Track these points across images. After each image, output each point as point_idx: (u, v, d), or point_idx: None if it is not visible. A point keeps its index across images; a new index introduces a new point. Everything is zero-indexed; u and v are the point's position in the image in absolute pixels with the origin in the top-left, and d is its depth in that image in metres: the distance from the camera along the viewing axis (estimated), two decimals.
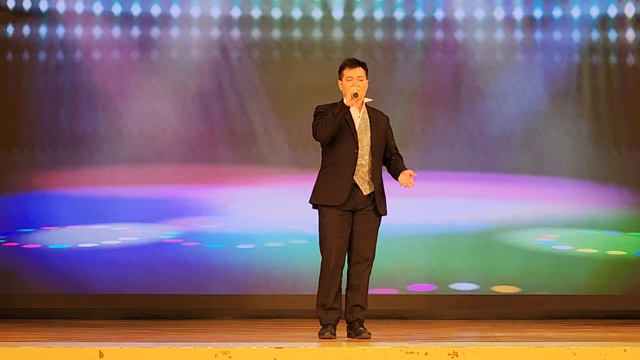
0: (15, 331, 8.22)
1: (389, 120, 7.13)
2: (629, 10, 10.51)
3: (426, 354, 5.90)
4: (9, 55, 10.49)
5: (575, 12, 10.50)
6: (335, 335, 6.90)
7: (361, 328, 6.93)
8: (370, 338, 6.87)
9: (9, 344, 6.31)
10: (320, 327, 6.96)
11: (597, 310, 10.34)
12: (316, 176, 7.04)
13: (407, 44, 10.55)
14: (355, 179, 6.93)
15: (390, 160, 7.10)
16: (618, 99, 10.50)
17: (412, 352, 5.91)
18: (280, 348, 5.96)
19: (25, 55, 10.49)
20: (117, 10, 10.51)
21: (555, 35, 10.54)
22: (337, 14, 10.57)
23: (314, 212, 7.03)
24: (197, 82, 10.51)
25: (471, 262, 10.38)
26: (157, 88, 10.50)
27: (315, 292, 6.99)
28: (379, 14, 10.55)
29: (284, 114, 10.45)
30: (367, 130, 6.99)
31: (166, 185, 10.45)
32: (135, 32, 10.53)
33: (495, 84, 10.52)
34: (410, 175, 6.96)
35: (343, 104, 6.89)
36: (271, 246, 10.40)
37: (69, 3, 10.48)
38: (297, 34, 10.58)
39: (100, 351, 5.91)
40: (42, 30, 10.49)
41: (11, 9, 10.49)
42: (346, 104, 6.88)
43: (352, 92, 6.87)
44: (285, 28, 10.56)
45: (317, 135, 6.97)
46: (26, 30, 10.49)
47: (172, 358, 5.93)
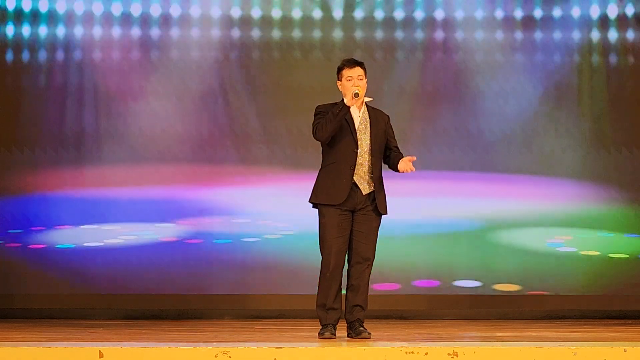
0: (15, 331, 8.22)
1: (390, 119, 7.13)
2: (629, 10, 10.52)
3: (426, 354, 5.90)
4: (9, 55, 10.49)
5: (575, 12, 10.51)
6: (335, 335, 6.90)
7: (361, 328, 6.93)
8: (370, 338, 6.87)
9: (9, 344, 6.31)
10: (320, 327, 6.96)
11: (597, 310, 10.34)
12: (316, 176, 7.04)
13: (407, 44, 10.56)
14: (354, 178, 6.93)
15: (390, 155, 7.08)
16: (618, 99, 10.50)
17: (412, 352, 5.91)
18: (280, 348, 5.96)
19: (26, 55, 10.49)
20: (117, 11, 10.51)
21: (555, 35, 10.54)
22: (337, 14, 10.57)
23: (314, 211, 7.03)
24: (197, 82, 10.51)
25: (474, 259, 10.39)
26: (157, 88, 10.50)
27: (315, 292, 6.99)
28: (379, 14, 10.56)
29: (284, 114, 10.45)
30: (367, 130, 6.98)
31: (165, 185, 10.44)
32: (136, 32, 10.52)
33: (495, 84, 10.52)
34: (410, 160, 6.93)
35: (343, 103, 6.89)
36: (271, 246, 10.40)
37: (69, 3, 10.49)
38: (297, 34, 10.57)
39: (100, 351, 5.91)
40: (42, 30, 10.49)
41: (11, 9, 10.49)
42: (347, 104, 6.89)
43: (353, 92, 6.87)
44: (285, 28, 10.56)
45: (317, 135, 6.97)
46: (26, 30, 10.50)
47: (172, 358, 5.93)
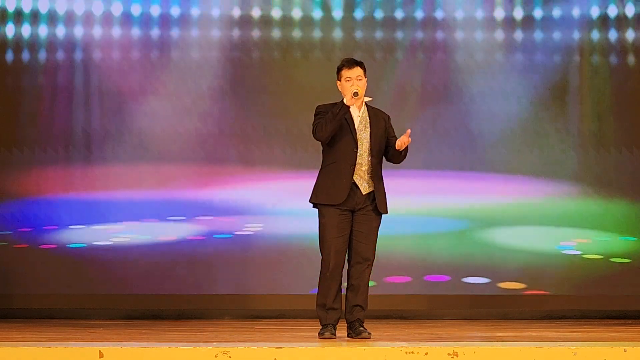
0: (15, 331, 8.22)
1: (390, 119, 7.13)
2: (629, 10, 10.52)
3: (426, 354, 5.90)
4: (9, 55, 10.49)
5: (575, 12, 10.51)
6: (335, 335, 6.90)
7: (361, 328, 6.93)
8: (370, 338, 6.87)
9: (9, 344, 6.31)
10: (320, 327, 6.96)
11: (597, 310, 10.34)
12: (316, 176, 7.04)
13: (407, 44, 10.56)
14: (354, 178, 6.92)
15: (389, 151, 7.05)
16: (618, 99, 10.49)
17: (412, 352, 5.91)
18: (280, 348, 5.96)
19: (26, 55, 10.49)
20: (117, 11, 10.51)
21: (555, 35, 10.54)
22: (337, 14, 10.57)
23: (314, 211, 7.03)
24: (197, 82, 10.51)
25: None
26: (157, 88, 10.50)
27: (316, 292, 6.99)
28: (379, 14, 10.56)
29: (284, 114, 10.45)
30: (367, 129, 6.98)
31: (165, 185, 10.44)
32: (135, 32, 10.52)
33: (495, 84, 10.52)
34: (407, 135, 6.88)
35: (343, 103, 6.89)
36: (271, 246, 10.40)
37: (69, 3, 10.48)
38: (297, 34, 10.57)
39: (100, 351, 5.90)
40: (42, 30, 10.49)
41: (11, 9, 10.49)
42: (346, 104, 6.88)
43: (352, 91, 6.87)
44: (285, 28, 10.56)
45: (316, 135, 6.96)
46: (26, 30, 10.49)
47: (172, 358, 5.93)
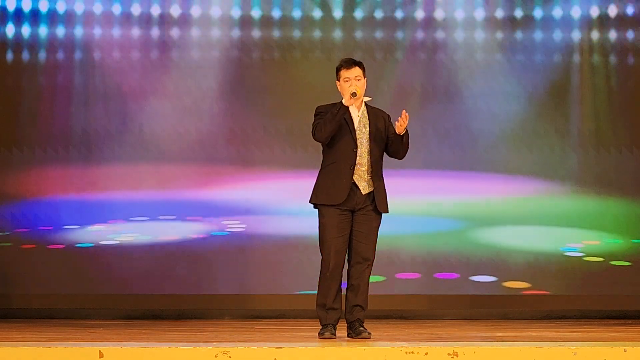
0: (15, 331, 8.22)
1: (390, 118, 7.12)
2: (629, 10, 10.52)
3: (426, 354, 5.90)
4: (9, 55, 10.49)
5: (575, 12, 10.50)
6: (335, 335, 6.90)
7: (361, 328, 6.93)
8: (370, 338, 6.87)
9: (9, 344, 6.31)
10: (320, 327, 6.96)
11: (597, 310, 10.33)
12: (316, 176, 7.04)
13: (407, 44, 10.55)
14: (354, 178, 6.92)
15: (390, 145, 7.04)
16: (619, 98, 10.49)
17: (412, 352, 5.91)
18: (280, 348, 5.96)
19: (25, 55, 10.49)
20: (117, 11, 10.51)
21: (555, 35, 10.54)
22: (337, 14, 10.57)
23: (314, 212, 7.03)
24: (197, 82, 10.51)
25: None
26: (157, 88, 10.50)
27: (316, 291, 6.99)
28: (379, 14, 10.56)
29: (284, 114, 10.45)
30: (366, 129, 6.97)
31: (164, 185, 10.43)
32: (135, 32, 10.52)
33: (495, 84, 10.52)
34: (402, 116, 6.86)
35: (342, 104, 6.88)
36: (271, 246, 10.39)
37: (69, 3, 10.48)
38: (297, 34, 10.57)
39: (100, 351, 5.90)
40: (42, 30, 10.48)
41: (11, 9, 10.49)
42: (344, 104, 6.88)
43: (351, 92, 6.87)
44: (285, 28, 10.56)
45: (316, 136, 6.96)
46: (26, 30, 10.49)
47: (172, 358, 5.93)
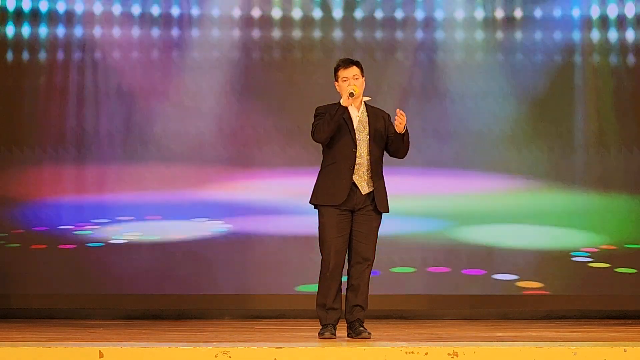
0: (15, 331, 8.21)
1: (390, 117, 7.11)
2: (629, 10, 10.52)
3: (426, 354, 5.90)
4: (9, 55, 10.49)
5: (575, 12, 10.50)
6: (335, 335, 6.90)
7: (361, 328, 6.93)
8: (370, 338, 6.86)
9: (9, 344, 6.31)
10: (320, 327, 6.96)
11: (597, 310, 10.34)
12: (316, 176, 7.04)
13: (407, 44, 10.55)
14: (354, 178, 6.92)
15: (390, 144, 7.04)
16: (618, 98, 10.50)
17: (412, 352, 5.91)
18: (280, 348, 5.96)
19: (25, 55, 10.49)
20: (117, 11, 10.51)
21: (556, 35, 10.54)
22: (337, 14, 10.57)
23: (314, 212, 7.02)
24: (197, 82, 10.51)
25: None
26: (157, 88, 10.50)
27: (316, 292, 6.99)
28: (379, 14, 10.56)
29: (284, 114, 10.45)
30: (366, 129, 6.97)
31: (165, 185, 10.44)
32: (135, 32, 10.53)
33: (495, 84, 10.52)
34: (398, 114, 6.87)
35: (340, 104, 6.88)
36: (271, 246, 10.39)
37: (69, 3, 10.49)
38: (297, 34, 10.57)
39: (100, 351, 5.90)
40: (42, 30, 10.49)
41: (11, 9, 10.49)
42: (343, 104, 6.87)
43: (349, 91, 6.86)
44: (285, 28, 10.56)
45: (315, 137, 6.96)
46: (26, 30, 10.49)
47: (172, 358, 5.93)
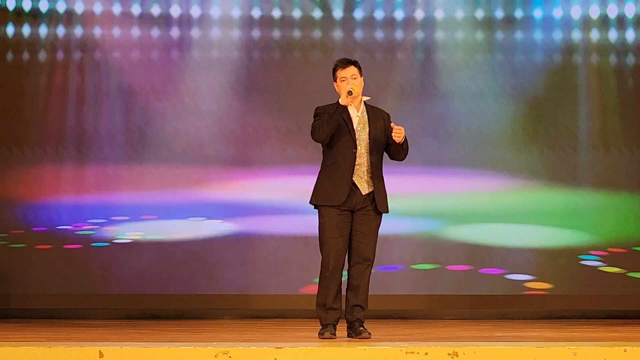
0: (15, 331, 8.21)
1: (390, 117, 7.11)
2: (629, 10, 10.51)
3: (426, 354, 5.90)
4: (9, 55, 10.49)
5: (575, 12, 10.50)
6: (335, 335, 6.90)
7: (361, 328, 6.93)
8: (370, 338, 6.87)
9: (8, 344, 6.31)
10: (320, 327, 6.96)
11: (597, 310, 10.34)
12: (316, 176, 7.04)
13: (407, 44, 10.55)
14: (354, 178, 6.92)
15: (390, 146, 7.04)
16: (618, 98, 10.49)
17: (412, 352, 5.91)
18: (280, 348, 5.96)
19: (25, 55, 10.49)
20: (117, 11, 10.51)
21: (555, 35, 10.54)
22: (337, 14, 10.57)
23: (314, 211, 7.02)
24: (197, 82, 10.51)
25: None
26: (156, 87, 10.50)
27: (316, 291, 6.99)
28: (379, 14, 10.56)
29: (284, 114, 10.44)
30: (366, 129, 6.97)
31: (165, 186, 10.44)
32: (136, 32, 10.53)
33: (495, 84, 10.52)
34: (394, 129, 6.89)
35: (339, 103, 6.88)
36: (271, 246, 10.39)
37: (69, 3, 10.49)
38: (297, 34, 10.57)
39: (100, 351, 5.90)
40: (42, 30, 10.48)
41: (11, 9, 10.49)
42: (341, 103, 6.87)
43: (347, 90, 6.86)
44: (285, 28, 10.56)
45: (314, 137, 6.95)
46: (26, 30, 10.49)
47: (172, 358, 5.93)
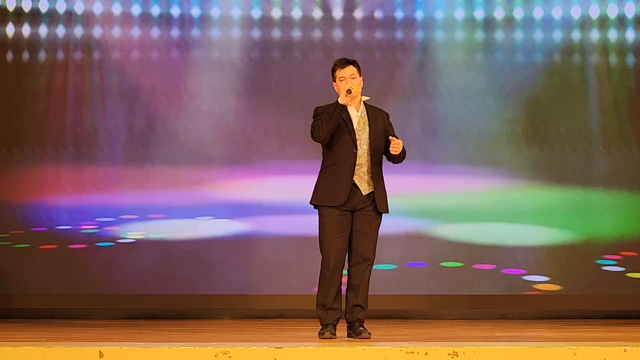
0: (15, 331, 8.22)
1: (389, 116, 7.11)
2: (629, 10, 10.52)
3: (426, 354, 5.90)
4: (9, 55, 10.49)
5: (575, 12, 10.50)
6: (335, 335, 6.90)
7: (361, 328, 6.93)
8: (370, 338, 6.87)
9: (9, 344, 6.31)
10: (320, 327, 6.96)
11: (597, 310, 10.34)
12: (316, 176, 7.04)
13: (408, 44, 10.55)
14: (354, 178, 6.92)
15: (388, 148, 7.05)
16: (618, 98, 10.50)
17: (412, 352, 5.91)
18: (280, 348, 5.96)
19: (25, 55, 10.49)
20: (117, 10, 10.51)
21: (555, 35, 10.54)
22: (337, 14, 10.57)
23: (314, 211, 7.02)
24: (197, 82, 10.51)
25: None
26: (156, 87, 10.50)
27: (316, 291, 6.99)
28: (379, 14, 10.56)
29: (284, 114, 10.45)
30: (366, 129, 6.97)
31: (165, 185, 10.43)
32: (136, 32, 10.53)
33: (495, 83, 10.52)
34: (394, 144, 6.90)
35: (338, 103, 6.88)
36: (271, 246, 10.39)
37: (68, 3, 10.49)
38: (297, 34, 10.57)
39: (100, 351, 5.90)
40: (42, 30, 10.49)
41: (11, 9, 10.49)
42: (341, 102, 6.87)
43: (346, 89, 6.86)
44: (285, 28, 10.56)
45: (314, 136, 6.95)
46: (26, 30, 10.49)
47: (172, 358, 5.93)
